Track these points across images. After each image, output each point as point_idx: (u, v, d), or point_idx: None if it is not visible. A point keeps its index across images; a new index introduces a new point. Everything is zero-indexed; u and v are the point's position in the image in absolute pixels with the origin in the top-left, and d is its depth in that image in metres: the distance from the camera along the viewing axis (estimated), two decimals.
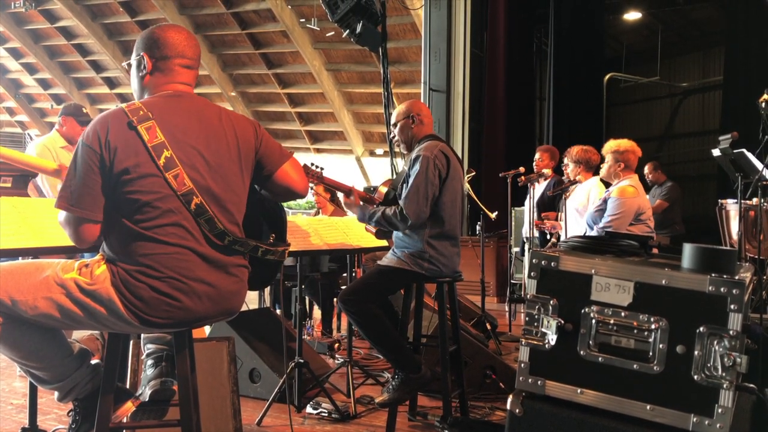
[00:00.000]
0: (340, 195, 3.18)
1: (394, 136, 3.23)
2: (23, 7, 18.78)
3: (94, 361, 2.10)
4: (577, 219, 4.67)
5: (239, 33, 17.45)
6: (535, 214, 5.14)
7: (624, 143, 4.12)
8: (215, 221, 1.89)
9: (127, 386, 2.46)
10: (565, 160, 4.84)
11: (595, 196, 4.61)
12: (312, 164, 3.05)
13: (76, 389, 2.04)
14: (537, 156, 5.47)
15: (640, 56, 11.20)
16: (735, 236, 4.38)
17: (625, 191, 3.97)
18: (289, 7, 15.89)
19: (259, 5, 16.23)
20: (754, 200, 4.12)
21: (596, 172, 4.74)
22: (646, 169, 7.01)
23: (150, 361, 2.24)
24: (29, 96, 24.39)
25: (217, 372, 2.80)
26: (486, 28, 8.46)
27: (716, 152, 4.22)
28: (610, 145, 4.15)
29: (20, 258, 2.34)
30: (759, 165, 3.97)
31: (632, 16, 9.98)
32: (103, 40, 19.39)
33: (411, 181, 2.90)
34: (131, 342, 2.51)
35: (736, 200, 4.24)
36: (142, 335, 2.31)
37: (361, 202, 3.07)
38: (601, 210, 4.04)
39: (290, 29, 16.23)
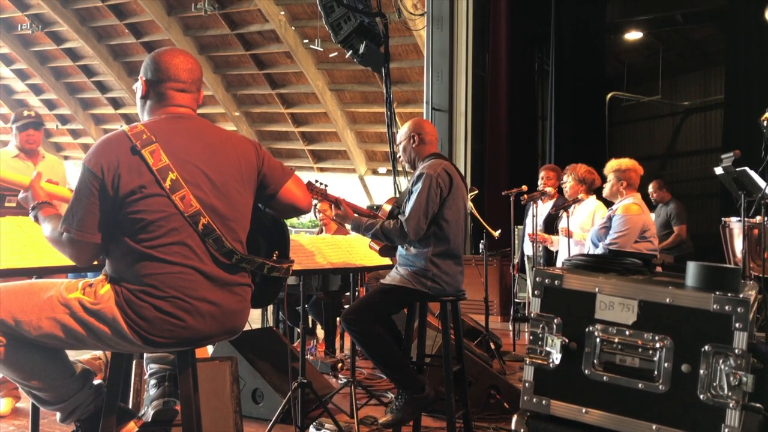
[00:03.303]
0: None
1: (399, 156, 3.25)
2: (30, 29, 19.03)
3: (96, 382, 2.09)
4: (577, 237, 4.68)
5: (243, 54, 17.61)
6: (542, 232, 5.15)
7: (625, 162, 4.14)
8: (223, 240, 1.89)
9: (130, 406, 2.45)
10: (566, 177, 4.85)
11: (600, 217, 4.63)
12: (316, 181, 3.07)
13: (79, 410, 2.03)
14: (542, 174, 5.47)
15: (641, 75, 11.27)
16: (739, 254, 4.37)
17: (630, 209, 3.98)
18: (293, 28, 16.06)
19: (263, 26, 16.40)
20: (758, 218, 4.12)
21: (595, 193, 4.77)
22: (651, 188, 7.00)
23: (153, 381, 2.23)
24: None
25: (220, 392, 2.79)
26: (488, 49, 8.52)
27: (719, 170, 4.23)
28: (612, 165, 4.17)
29: (23, 278, 2.35)
30: (762, 183, 3.97)
31: (633, 35, 10.06)
32: (109, 61, 19.58)
33: (413, 197, 2.91)
34: (134, 362, 2.50)
35: (739, 218, 4.24)
36: (145, 355, 2.31)
37: (355, 214, 3.07)
38: (606, 228, 4.04)
39: (294, 50, 16.39)
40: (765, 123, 3.67)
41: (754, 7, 7.59)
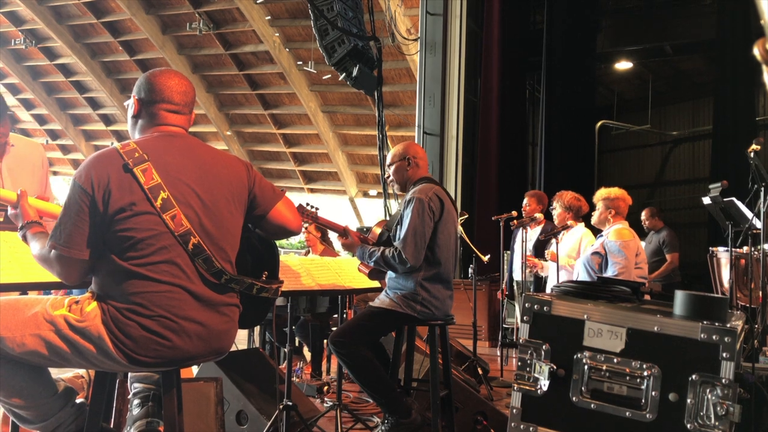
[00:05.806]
0: (335, 235, 3.18)
1: (389, 177, 3.25)
2: (23, 44, 19.07)
3: (79, 400, 2.06)
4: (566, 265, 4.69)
5: (237, 74, 17.70)
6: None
7: (614, 191, 4.18)
8: (213, 260, 1.88)
9: (112, 426, 2.41)
10: (554, 204, 4.88)
11: (587, 244, 4.65)
12: (307, 204, 3.06)
13: (60, 429, 1.99)
14: (524, 201, 5.52)
15: (631, 105, 11.40)
16: (726, 284, 4.40)
17: (623, 234, 4.01)
18: (287, 49, 16.17)
19: (257, 47, 16.51)
20: (745, 249, 4.15)
21: (583, 220, 4.80)
22: (643, 215, 7.00)
23: (136, 401, 2.20)
24: (25, 131, 24.47)
25: (204, 413, 2.75)
26: (480, 75, 8.61)
27: (707, 200, 4.27)
28: (601, 193, 4.21)
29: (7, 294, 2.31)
30: (749, 214, 4.01)
31: (623, 65, 10.19)
32: (102, 77, 19.61)
33: (406, 223, 2.91)
34: (117, 381, 2.46)
35: (726, 248, 4.27)
36: (129, 374, 2.28)
37: (360, 241, 3.07)
38: (598, 253, 4.05)
39: (287, 71, 16.49)
40: (752, 154, 3.72)
41: (742, 39, 7.73)
